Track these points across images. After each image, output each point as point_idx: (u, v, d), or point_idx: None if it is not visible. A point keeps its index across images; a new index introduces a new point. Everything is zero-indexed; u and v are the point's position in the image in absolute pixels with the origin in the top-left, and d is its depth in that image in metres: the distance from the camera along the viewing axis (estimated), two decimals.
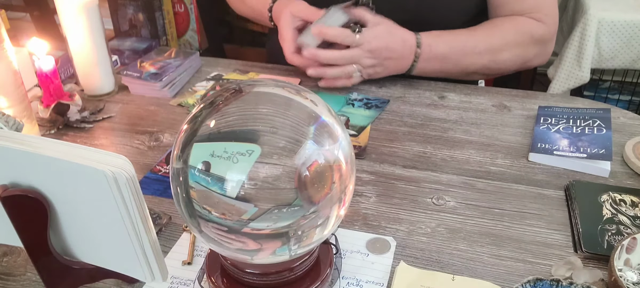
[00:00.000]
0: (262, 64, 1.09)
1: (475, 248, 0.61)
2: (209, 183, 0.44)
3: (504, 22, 0.95)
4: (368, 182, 0.73)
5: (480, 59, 0.93)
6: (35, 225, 0.49)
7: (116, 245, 0.48)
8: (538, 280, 0.52)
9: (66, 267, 0.52)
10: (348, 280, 0.57)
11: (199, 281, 0.56)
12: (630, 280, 0.54)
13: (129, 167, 0.44)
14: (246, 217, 0.44)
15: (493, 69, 0.95)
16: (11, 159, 0.46)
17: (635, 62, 1.86)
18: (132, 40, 1.17)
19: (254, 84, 0.51)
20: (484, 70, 0.95)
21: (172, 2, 1.93)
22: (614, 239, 0.60)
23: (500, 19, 0.96)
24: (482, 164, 0.76)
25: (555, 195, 0.69)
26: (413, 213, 0.67)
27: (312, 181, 0.45)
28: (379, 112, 0.89)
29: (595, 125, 0.79)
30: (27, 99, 0.79)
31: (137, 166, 0.76)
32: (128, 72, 0.97)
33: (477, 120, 0.87)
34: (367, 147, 0.80)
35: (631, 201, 0.66)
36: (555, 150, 0.75)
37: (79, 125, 0.87)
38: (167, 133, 0.85)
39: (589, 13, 1.81)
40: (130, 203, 0.44)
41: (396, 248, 0.61)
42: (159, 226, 0.64)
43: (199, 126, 0.47)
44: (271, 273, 0.51)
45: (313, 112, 0.48)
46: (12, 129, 0.68)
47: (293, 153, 0.45)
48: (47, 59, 0.82)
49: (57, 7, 0.89)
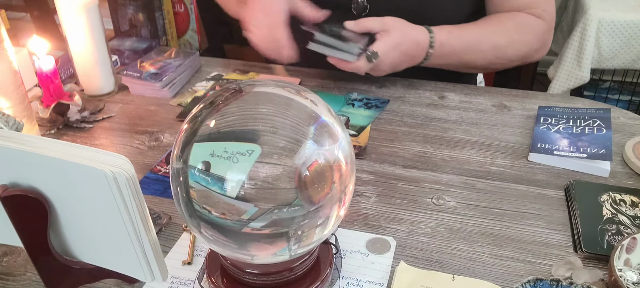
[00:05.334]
0: (262, 64, 1.09)
1: (475, 248, 0.61)
2: (209, 183, 0.44)
3: (507, 19, 0.95)
4: (368, 182, 0.73)
5: (485, 56, 0.94)
6: (35, 225, 0.49)
7: (116, 245, 0.48)
8: (538, 280, 0.52)
9: (66, 267, 0.52)
10: (348, 280, 0.57)
11: (199, 281, 0.56)
12: (630, 280, 0.54)
13: (129, 167, 0.44)
14: (246, 217, 0.44)
15: (496, 64, 0.96)
16: (11, 159, 0.46)
17: (635, 62, 1.86)
18: (132, 40, 1.17)
19: (254, 84, 0.51)
20: (487, 65, 0.96)
21: (172, 2, 1.93)
22: (614, 239, 0.60)
23: (503, 16, 0.96)
24: (482, 164, 0.76)
25: (555, 195, 0.69)
26: (413, 213, 0.67)
27: (312, 181, 0.45)
28: (379, 112, 0.89)
29: (595, 125, 0.79)
30: (27, 99, 0.79)
31: (137, 166, 0.76)
32: (128, 72, 0.97)
33: (477, 120, 0.87)
34: (367, 147, 0.80)
35: (631, 201, 0.66)
36: (555, 150, 0.75)
37: (79, 125, 0.87)
38: (167, 133, 0.85)
39: (589, 13, 1.81)
40: (130, 203, 0.44)
41: (396, 248, 0.61)
42: (159, 226, 0.64)
43: (199, 126, 0.47)
44: (271, 273, 0.51)
45: (313, 112, 0.48)
46: (12, 128, 0.68)
47: (293, 153, 0.45)
48: (47, 59, 0.82)
49: (57, 7, 0.89)
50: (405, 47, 0.88)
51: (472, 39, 0.92)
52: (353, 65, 0.85)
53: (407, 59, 0.90)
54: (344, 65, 0.86)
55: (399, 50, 0.87)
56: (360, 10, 0.96)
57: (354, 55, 0.84)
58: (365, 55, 0.84)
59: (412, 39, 0.88)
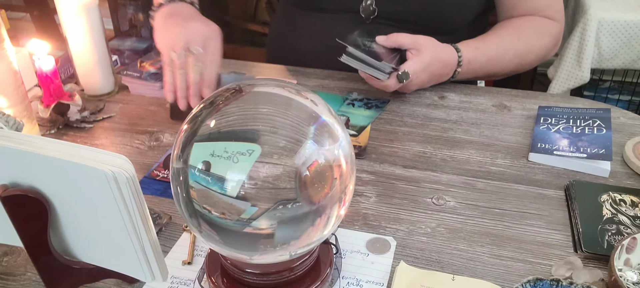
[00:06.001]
0: (262, 64, 1.09)
1: (475, 248, 0.61)
2: (209, 183, 0.44)
3: (525, 25, 0.96)
4: (368, 182, 0.73)
5: (509, 65, 0.95)
6: (35, 225, 0.49)
7: (116, 245, 0.48)
8: (538, 280, 0.52)
9: (66, 267, 0.52)
10: (348, 280, 0.57)
11: (199, 281, 0.56)
12: (630, 280, 0.54)
13: (129, 167, 0.44)
14: (246, 217, 0.44)
15: (518, 70, 0.97)
16: (11, 159, 0.46)
17: (635, 62, 1.86)
18: (132, 40, 1.17)
19: (254, 84, 0.51)
20: (509, 72, 0.97)
21: None
22: (614, 239, 0.60)
23: (521, 22, 0.96)
24: (482, 164, 0.76)
25: (555, 195, 0.69)
26: (413, 213, 0.67)
27: (312, 181, 0.45)
28: (379, 112, 0.89)
29: (595, 125, 0.79)
30: (27, 99, 0.79)
31: (137, 166, 0.76)
32: (128, 72, 0.97)
33: (477, 120, 0.87)
34: (367, 147, 0.80)
35: (631, 201, 0.66)
36: (555, 150, 0.75)
37: (79, 125, 0.87)
38: (167, 133, 0.85)
39: (589, 13, 1.81)
40: (130, 203, 0.44)
41: (396, 248, 0.61)
42: (159, 226, 0.64)
43: (199, 126, 0.47)
44: (271, 273, 0.51)
45: (313, 112, 0.48)
46: (12, 128, 0.68)
47: (293, 153, 0.45)
48: (47, 59, 0.82)
49: (57, 7, 0.89)
50: (435, 68, 0.89)
51: (497, 51, 0.93)
52: (383, 83, 0.85)
53: (435, 78, 0.91)
54: (374, 82, 0.87)
55: (428, 71, 0.88)
56: (369, 14, 0.96)
57: (385, 74, 0.85)
58: (397, 75, 0.85)
59: (441, 59, 0.89)
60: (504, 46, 0.93)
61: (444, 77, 0.92)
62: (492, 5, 1.00)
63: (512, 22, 0.97)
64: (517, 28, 0.96)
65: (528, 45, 0.94)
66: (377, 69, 0.84)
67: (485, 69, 0.93)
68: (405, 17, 0.94)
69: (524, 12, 0.96)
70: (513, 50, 0.93)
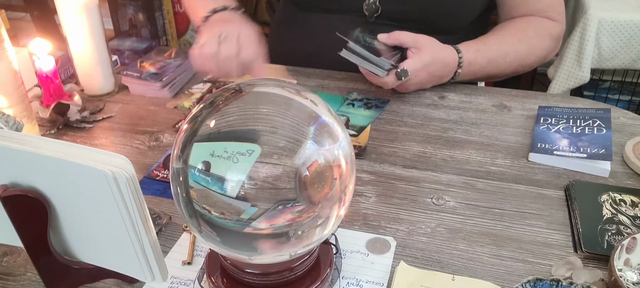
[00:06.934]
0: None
1: (475, 248, 0.61)
2: (209, 183, 0.44)
3: (526, 26, 0.96)
4: (368, 182, 0.73)
5: (510, 67, 0.95)
6: (35, 225, 0.49)
7: (116, 245, 0.48)
8: (538, 280, 0.52)
9: (66, 267, 0.52)
10: (348, 280, 0.57)
11: (199, 281, 0.56)
12: (630, 280, 0.54)
13: (129, 167, 0.44)
14: (246, 217, 0.44)
15: (518, 71, 0.97)
16: (11, 159, 0.46)
17: (635, 62, 1.86)
18: (132, 40, 1.17)
19: (254, 84, 0.51)
20: (509, 74, 0.97)
21: (172, 2, 1.93)
22: (614, 239, 0.60)
23: (521, 23, 0.96)
24: (482, 164, 0.76)
25: (555, 195, 0.69)
26: (413, 213, 0.67)
27: (312, 181, 0.45)
28: (379, 112, 0.89)
29: (595, 125, 0.79)
30: (27, 99, 0.79)
31: (137, 166, 0.76)
32: (128, 72, 0.97)
33: (477, 120, 0.87)
34: (367, 147, 0.80)
35: (631, 201, 0.66)
36: (555, 150, 0.75)
37: (79, 125, 0.87)
38: (167, 133, 0.85)
39: (589, 13, 1.81)
40: (130, 203, 0.44)
41: (396, 248, 0.61)
42: (159, 226, 0.64)
43: (199, 126, 0.47)
44: (271, 273, 0.51)
45: (313, 112, 0.48)
46: (12, 128, 0.68)
47: (293, 153, 0.45)
48: (47, 59, 0.82)
49: (57, 7, 0.89)
50: (435, 68, 0.89)
51: (498, 53, 0.93)
52: (382, 80, 0.86)
53: (435, 79, 0.92)
54: (373, 78, 0.87)
55: (427, 71, 0.88)
56: (372, 12, 0.96)
57: (384, 71, 0.85)
58: (396, 72, 0.85)
59: (442, 60, 0.89)
60: (504, 48, 0.93)
61: (444, 78, 0.92)
62: (494, 5, 1.00)
63: (513, 23, 0.97)
64: (518, 29, 0.96)
65: (529, 47, 0.95)
66: (376, 65, 0.85)
67: (486, 70, 0.93)
68: (408, 16, 0.94)
69: (525, 13, 0.96)
70: (514, 52, 0.94)
